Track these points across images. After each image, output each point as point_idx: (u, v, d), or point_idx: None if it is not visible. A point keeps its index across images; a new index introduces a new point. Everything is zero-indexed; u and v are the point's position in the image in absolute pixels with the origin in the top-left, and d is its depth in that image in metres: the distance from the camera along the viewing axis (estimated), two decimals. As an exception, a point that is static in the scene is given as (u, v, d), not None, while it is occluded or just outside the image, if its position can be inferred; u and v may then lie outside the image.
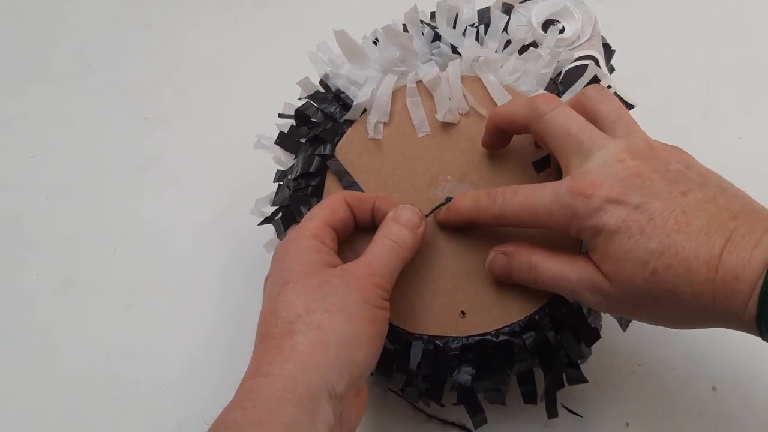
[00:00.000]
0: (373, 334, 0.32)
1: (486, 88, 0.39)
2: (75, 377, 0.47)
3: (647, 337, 0.45)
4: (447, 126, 0.39)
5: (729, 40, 0.60)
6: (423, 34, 0.41)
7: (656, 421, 0.43)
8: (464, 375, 0.37)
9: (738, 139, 0.54)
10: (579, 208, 0.31)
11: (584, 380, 0.39)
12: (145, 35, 0.65)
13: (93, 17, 0.67)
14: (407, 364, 0.37)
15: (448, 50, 0.40)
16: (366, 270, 0.33)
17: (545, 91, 0.39)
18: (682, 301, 0.29)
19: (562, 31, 0.47)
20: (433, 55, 0.40)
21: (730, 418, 0.42)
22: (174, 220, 0.53)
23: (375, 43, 0.42)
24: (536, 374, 0.39)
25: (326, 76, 0.41)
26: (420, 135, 0.39)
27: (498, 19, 0.41)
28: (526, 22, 0.46)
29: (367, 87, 0.39)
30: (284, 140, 0.42)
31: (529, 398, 0.39)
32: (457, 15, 0.41)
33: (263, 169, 0.45)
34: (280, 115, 0.43)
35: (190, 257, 0.51)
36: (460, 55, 0.40)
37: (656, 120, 0.53)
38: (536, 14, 0.47)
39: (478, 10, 0.42)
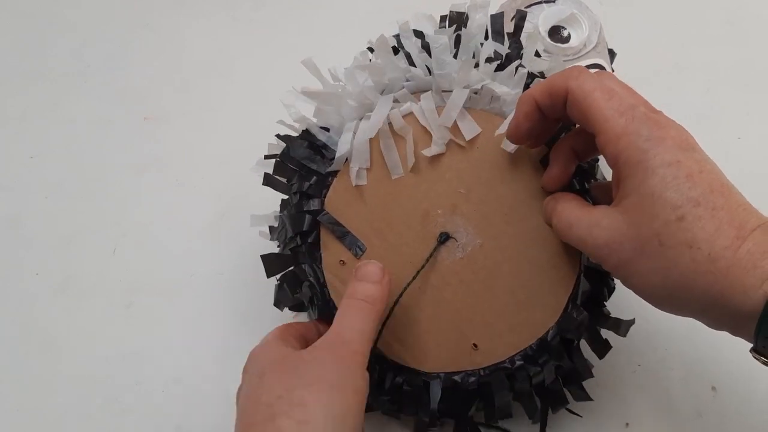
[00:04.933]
0: (358, 405, 0.31)
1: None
2: (75, 377, 0.47)
3: (647, 337, 0.45)
4: (429, 161, 0.39)
5: (729, 40, 0.60)
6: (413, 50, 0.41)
7: (656, 421, 0.43)
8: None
9: (738, 139, 0.54)
10: (643, 128, 0.30)
11: (589, 398, 0.40)
12: (145, 35, 0.65)
13: (93, 17, 0.67)
14: (428, 404, 0.36)
15: (421, 74, 0.39)
16: (338, 339, 0.32)
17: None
18: (693, 260, 0.28)
19: (567, 39, 0.47)
20: (407, 80, 0.40)
21: (730, 418, 0.42)
22: (174, 220, 0.53)
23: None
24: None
25: (302, 120, 0.41)
26: (394, 177, 0.38)
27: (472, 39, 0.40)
28: (532, 28, 0.46)
29: (345, 137, 0.39)
30: (272, 181, 0.42)
31: (533, 415, 0.39)
32: (467, 20, 0.41)
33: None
34: (266, 157, 0.43)
35: (190, 257, 0.51)
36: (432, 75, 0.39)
37: (656, 120, 0.54)
38: (543, 21, 0.46)
39: (491, 15, 0.42)
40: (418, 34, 0.41)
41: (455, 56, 0.39)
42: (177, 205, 0.54)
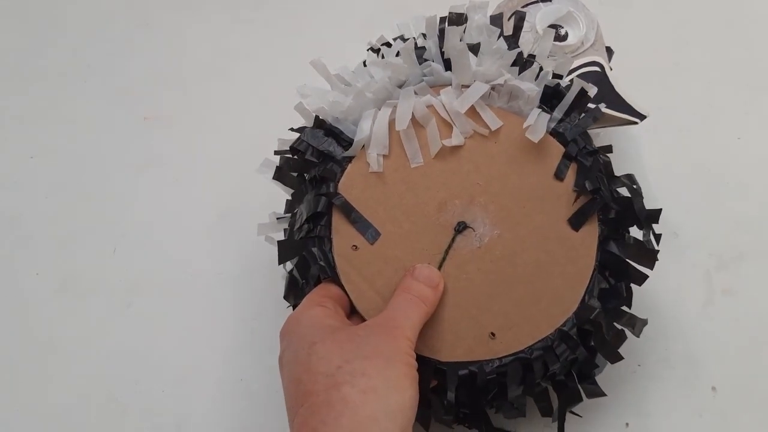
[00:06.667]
0: (412, 377, 0.32)
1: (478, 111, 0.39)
2: (75, 377, 0.47)
3: (647, 337, 0.45)
4: (447, 153, 0.39)
5: (729, 40, 0.60)
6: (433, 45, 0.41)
7: (656, 421, 0.43)
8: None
9: (738, 139, 0.54)
10: None
11: (603, 393, 0.40)
12: (145, 35, 0.65)
13: (93, 17, 0.67)
14: (444, 394, 0.36)
15: (440, 69, 0.40)
16: (390, 322, 0.33)
17: None
18: None
19: (564, 37, 0.47)
20: (424, 75, 0.40)
21: (730, 418, 0.42)
22: (174, 220, 0.53)
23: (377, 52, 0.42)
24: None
25: (319, 112, 0.41)
26: (413, 165, 0.39)
27: (491, 38, 0.40)
28: (530, 28, 0.46)
29: (364, 123, 0.39)
30: (282, 176, 0.42)
31: (546, 412, 0.39)
32: (466, 22, 0.41)
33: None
34: (276, 152, 0.43)
35: (189, 257, 0.51)
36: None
37: (656, 120, 0.54)
38: (540, 20, 0.46)
39: (491, 16, 0.42)
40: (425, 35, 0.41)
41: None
42: (177, 205, 0.54)
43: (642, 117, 0.45)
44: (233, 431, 0.44)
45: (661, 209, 0.40)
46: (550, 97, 0.40)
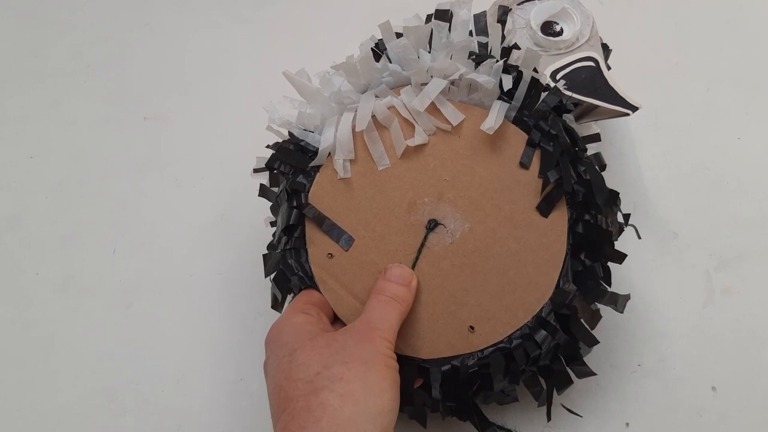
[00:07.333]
0: (392, 379, 0.32)
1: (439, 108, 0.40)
2: (75, 377, 0.47)
3: (647, 337, 0.45)
4: (412, 152, 0.39)
5: (729, 40, 0.60)
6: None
7: (656, 421, 0.43)
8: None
9: (738, 139, 0.54)
10: None
11: (592, 373, 0.39)
12: (145, 35, 0.65)
13: (93, 17, 0.67)
14: (428, 391, 0.37)
15: (399, 69, 0.40)
16: (367, 325, 0.34)
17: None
18: None
19: (559, 33, 0.47)
20: (383, 77, 0.40)
21: (730, 418, 0.42)
22: (174, 220, 0.53)
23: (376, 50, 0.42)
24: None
25: (286, 126, 0.41)
26: (380, 168, 0.39)
27: (440, 32, 0.41)
28: (524, 24, 0.47)
29: (327, 131, 0.39)
30: (265, 192, 0.43)
31: (538, 396, 0.39)
32: (452, 18, 0.41)
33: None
34: (255, 170, 0.43)
35: (190, 257, 0.51)
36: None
37: (656, 120, 0.54)
38: (535, 16, 0.47)
39: (474, 15, 0.42)
40: (400, 35, 0.41)
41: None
42: (177, 205, 0.54)
43: (634, 108, 0.46)
44: (233, 431, 0.44)
45: (618, 192, 0.39)
46: (512, 88, 0.40)
